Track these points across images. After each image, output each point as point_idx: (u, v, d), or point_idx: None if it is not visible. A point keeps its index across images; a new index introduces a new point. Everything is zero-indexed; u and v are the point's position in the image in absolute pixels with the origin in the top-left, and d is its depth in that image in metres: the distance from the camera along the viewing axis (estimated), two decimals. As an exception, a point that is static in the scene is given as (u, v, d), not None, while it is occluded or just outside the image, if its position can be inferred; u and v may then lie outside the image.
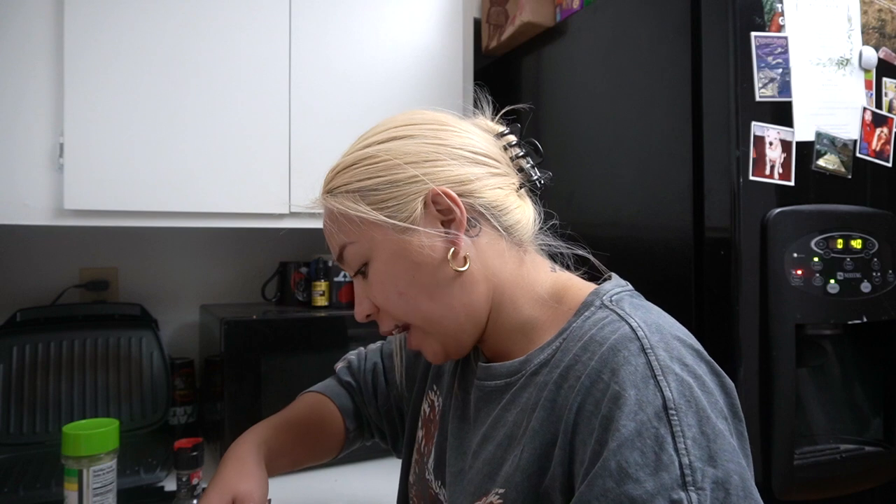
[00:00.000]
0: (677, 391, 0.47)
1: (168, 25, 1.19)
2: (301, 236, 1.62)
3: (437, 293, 0.60)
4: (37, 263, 1.41)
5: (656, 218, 1.06)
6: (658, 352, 0.49)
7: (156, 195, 1.18)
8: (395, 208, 0.60)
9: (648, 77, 1.09)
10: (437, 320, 0.61)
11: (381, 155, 0.61)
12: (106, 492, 0.82)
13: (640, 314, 0.54)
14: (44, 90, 1.11)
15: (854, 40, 1.01)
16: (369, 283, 0.63)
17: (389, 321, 0.64)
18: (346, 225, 0.62)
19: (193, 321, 1.55)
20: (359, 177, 0.62)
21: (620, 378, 0.48)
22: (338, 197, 0.63)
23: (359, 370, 0.90)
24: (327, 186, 0.66)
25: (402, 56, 1.43)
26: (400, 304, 0.61)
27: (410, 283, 0.60)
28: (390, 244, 0.60)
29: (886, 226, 1.01)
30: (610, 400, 0.48)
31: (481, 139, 0.64)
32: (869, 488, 1.00)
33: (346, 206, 0.62)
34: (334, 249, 0.66)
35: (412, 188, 0.60)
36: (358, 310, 0.65)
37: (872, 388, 1.04)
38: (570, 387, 0.52)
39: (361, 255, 0.62)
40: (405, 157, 0.60)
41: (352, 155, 0.64)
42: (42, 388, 1.25)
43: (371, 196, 0.61)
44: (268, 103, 1.28)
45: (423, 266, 0.59)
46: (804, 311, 0.94)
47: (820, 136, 0.98)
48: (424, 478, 0.72)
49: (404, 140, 0.62)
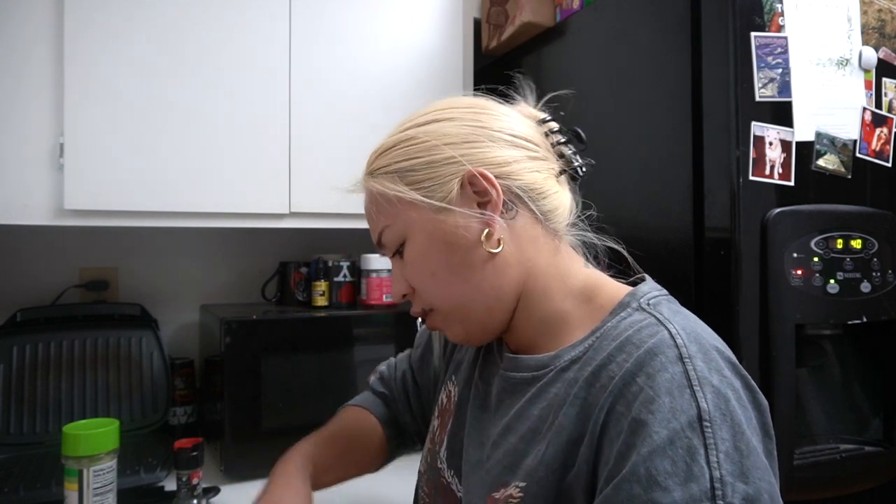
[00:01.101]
0: (713, 403, 0.46)
1: (169, 25, 1.19)
2: (301, 236, 1.62)
3: (468, 275, 0.60)
4: (37, 263, 1.41)
5: (656, 218, 1.06)
6: (696, 361, 0.49)
7: (156, 195, 1.18)
8: (431, 188, 0.60)
9: (648, 77, 1.09)
10: (465, 303, 0.61)
11: (420, 136, 0.62)
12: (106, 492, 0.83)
13: (678, 320, 0.54)
14: (44, 90, 1.11)
15: (854, 40, 1.01)
16: (406, 264, 0.64)
17: (421, 304, 0.65)
18: (384, 206, 0.63)
19: (193, 321, 1.55)
20: (398, 158, 0.63)
21: (656, 383, 0.48)
22: (378, 178, 0.64)
23: (391, 379, 0.91)
24: (369, 169, 0.66)
25: (403, 56, 1.43)
26: (432, 285, 0.62)
27: (443, 264, 0.61)
28: (426, 224, 0.61)
29: (886, 226, 1.01)
30: (642, 404, 0.47)
31: (522, 123, 0.64)
32: (869, 488, 1.00)
33: (385, 187, 0.62)
34: (374, 232, 0.67)
35: (449, 169, 0.60)
36: (395, 289, 0.66)
37: (872, 388, 1.04)
38: (601, 386, 0.52)
39: (399, 235, 0.63)
40: (443, 138, 0.61)
41: (392, 137, 0.65)
42: (42, 388, 1.25)
43: (409, 176, 0.61)
44: (268, 103, 1.28)
45: (457, 247, 0.60)
46: (804, 311, 0.94)
47: (820, 136, 0.98)
48: (436, 467, 0.72)
49: (444, 122, 0.62)
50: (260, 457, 1.20)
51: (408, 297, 0.66)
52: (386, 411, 0.88)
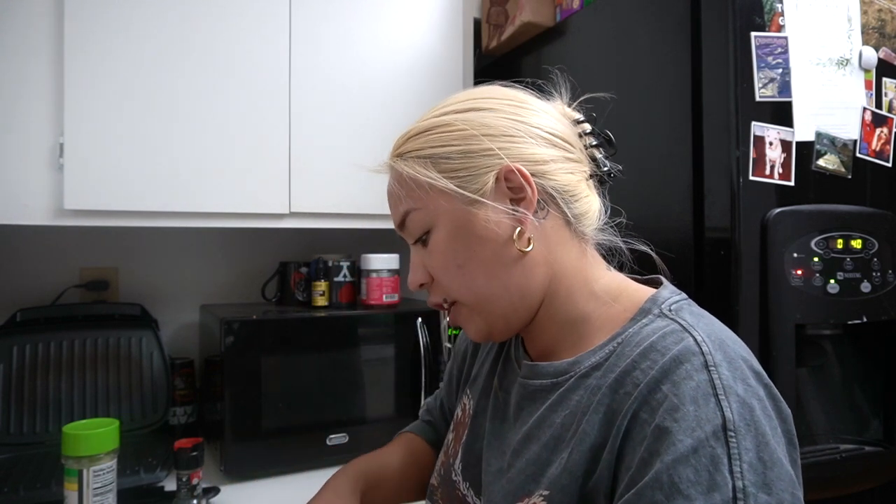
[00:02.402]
0: (738, 413, 0.46)
1: (168, 26, 1.19)
2: (301, 236, 1.62)
3: (495, 271, 0.59)
4: (37, 263, 1.41)
5: (656, 218, 1.06)
6: (721, 370, 0.48)
7: (156, 195, 1.18)
8: (465, 179, 0.59)
9: (648, 77, 1.09)
10: (489, 299, 0.61)
11: (457, 124, 0.60)
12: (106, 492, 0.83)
13: (702, 326, 0.53)
14: (44, 90, 1.11)
15: (854, 40, 1.01)
16: (429, 253, 0.62)
17: (440, 294, 0.64)
18: (413, 190, 0.61)
19: (193, 321, 1.55)
20: (432, 143, 0.61)
21: (681, 392, 0.47)
22: (408, 161, 0.62)
23: (434, 407, 0.91)
24: (398, 150, 0.64)
25: (403, 56, 1.43)
26: (457, 277, 0.61)
27: (471, 257, 0.59)
28: (456, 215, 0.59)
29: (886, 226, 1.01)
30: (667, 411, 0.47)
31: (559, 122, 0.63)
32: (869, 488, 1.00)
33: (417, 171, 0.60)
34: (397, 215, 0.65)
35: (486, 161, 0.59)
36: (412, 277, 0.65)
37: (872, 388, 1.04)
38: (626, 393, 0.51)
39: (425, 222, 0.61)
40: (482, 128, 0.60)
41: (427, 121, 0.63)
42: (42, 388, 1.25)
43: (443, 164, 0.60)
44: (268, 103, 1.28)
45: (486, 242, 0.59)
46: (804, 311, 0.94)
47: (820, 136, 0.98)
48: (451, 479, 0.71)
49: (483, 112, 0.61)
50: (260, 457, 1.20)
51: (425, 287, 0.65)
52: (434, 435, 0.88)
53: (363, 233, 1.61)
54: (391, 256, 1.41)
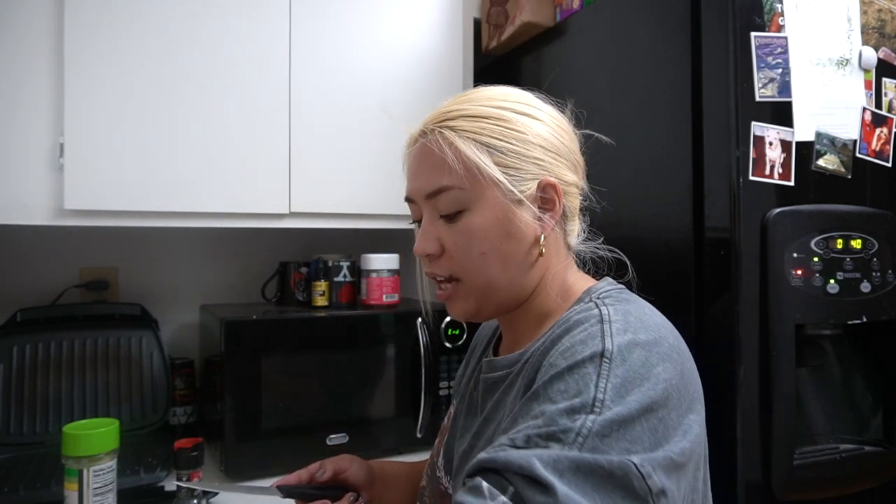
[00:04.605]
0: (617, 347, 0.52)
1: (169, 25, 1.19)
2: (301, 236, 1.62)
3: (511, 266, 0.65)
4: (37, 263, 1.41)
5: (656, 218, 1.06)
6: (614, 325, 0.55)
7: (156, 195, 1.18)
8: (515, 178, 0.63)
9: (648, 77, 1.09)
10: (494, 288, 0.65)
11: (516, 124, 0.64)
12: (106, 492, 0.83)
13: (617, 306, 0.59)
14: (44, 90, 1.11)
15: (854, 40, 1.01)
16: (455, 231, 0.65)
17: (445, 269, 0.66)
18: (457, 169, 0.63)
19: (193, 321, 1.55)
20: (491, 132, 0.64)
21: (574, 339, 0.55)
22: (465, 140, 0.64)
23: None
24: (447, 122, 0.66)
25: (402, 56, 1.43)
26: (476, 261, 0.64)
27: (497, 248, 0.64)
28: (498, 207, 0.63)
29: (886, 226, 1.01)
30: (559, 353, 0.55)
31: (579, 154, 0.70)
32: (869, 488, 1.00)
33: (473, 153, 0.63)
34: (430, 185, 0.66)
35: (533, 168, 0.64)
36: (422, 246, 0.67)
37: (872, 388, 1.04)
38: (540, 353, 0.59)
39: (462, 203, 0.64)
40: (538, 138, 0.65)
41: (482, 107, 0.65)
42: (42, 388, 1.25)
43: (497, 156, 0.63)
44: (268, 103, 1.28)
45: (515, 239, 0.64)
46: (804, 311, 0.94)
47: (820, 136, 0.98)
48: (435, 476, 0.76)
49: (537, 122, 0.66)
50: (260, 457, 1.20)
51: (431, 257, 0.67)
52: None
53: (363, 233, 1.61)
54: (391, 256, 1.41)
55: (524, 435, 0.48)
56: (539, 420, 0.49)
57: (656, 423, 0.50)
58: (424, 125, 0.68)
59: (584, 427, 0.47)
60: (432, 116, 0.68)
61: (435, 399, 1.35)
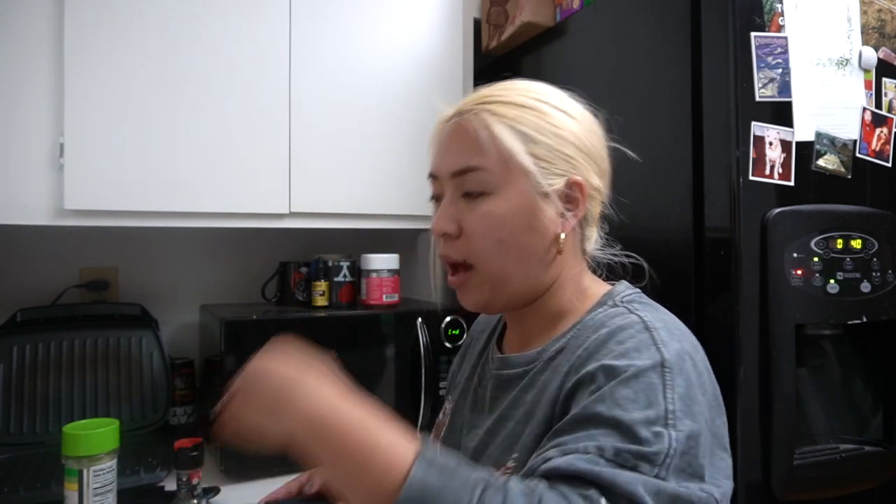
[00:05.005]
0: (674, 356, 0.54)
1: (169, 25, 1.19)
2: (301, 236, 1.62)
3: (528, 259, 0.65)
4: (37, 263, 1.41)
5: (656, 218, 1.06)
6: (660, 332, 0.57)
7: (156, 195, 1.18)
8: (545, 171, 0.64)
9: (648, 77, 1.09)
10: (509, 279, 0.65)
11: (554, 119, 0.65)
12: (106, 492, 0.83)
13: (647, 311, 0.61)
14: (44, 90, 1.11)
15: (854, 40, 1.01)
16: (476, 213, 0.64)
17: (459, 252, 0.66)
18: (490, 152, 0.64)
19: (193, 321, 1.55)
20: (527, 122, 0.64)
21: (625, 346, 0.55)
22: (501, 125, 0.64)
23: None
24: (486, 106, 0.65)
25: (402, 56, 1.43)
26: (493, 248, 0.64)
27: (516, 238, 0.64)
28: (524, 197, 0.63)
29: (886, 226, 1.01)
30: (613, 356, 0.55)
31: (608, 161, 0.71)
32: (869, 488, 1.00)
33: (509, 139, 0.63)
34: (458, 163, 0.66)
35: (564, 165, 0.65)
36: (440, 224, 0.66)
37: (872, 388, 1.04)
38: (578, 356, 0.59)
39: (487, 186, 0.64)
40: (572, 135, 0.65)
41: (521, 97, 0.66)
42: (42, 388, 1.25)
43: (532, 147, 0.63)
44: (268, 103, 1.28)
45: (536, 233, 0.64)
46: (804, 311, 0.94)
47: (820, 136, 0.98)
48: None
49: (573, 120, 0.66)
50: (260, 457, 1.20)
51: (448, 237, 0.66)
52: None
53: (363, 233, 1.61)
54: (391, 256, 1.41)
55: (613, 448, 0.49)
56: (616, 431, 0.50)
57: (714, 430, 0.55)
58: (462, 105, 0.68)
59: (670, 448, 0.50)
60: (470, 98, 0.68)
61: (435, 399, 1.34)
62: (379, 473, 0.48)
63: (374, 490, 0.48)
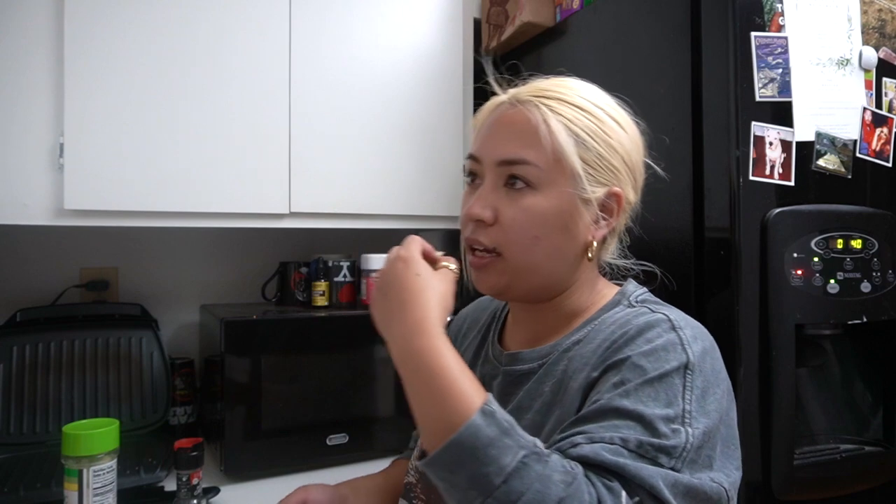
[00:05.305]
0: (697, 358, 0.58)
1: (168, 25, 1.19)
2: (301, 236, 1.62)
3: (557, 259, 0.66)
4: (37, 263, 1.41)
5: (656, 218, 1.06)
6: (686, 331, 0.60)
7: (156, 195, 1.18)
8: (591, 177, 0.65)
9: (648, 77, 1.09)
10: (534, 272, 0.66)
11: (607, 128, 0.66)
12: (106, 492, 0.82)
13: (670, 310, 0.64)
14: (44, 90, 1.11)
15: (854, 40, 1.01)
16: (514, 205, 0.64)
17: (491, 240, 0.66)
18: (546, 152, 0.64)
19: (193, 321, 1.55)
20: (583, 126, 0.65)
21: (654, 343, 0.58)
22: (560, 123, 0.64)
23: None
24: (545, 101, 0.66)
25: (402, 56, 1.43)
26: (527, 243, 0.64)
27: (551, 238, 0.65)
28: (567, 198, 0.64)
29: (886, 226, 1.01)
30: (641, 354, 0.57)
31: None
32: (869, 488, 1.00)
33: (565, 139, 0.64)
34: (509, 152, 0.65)
35: (608, 175, 0.66)
36: (477, 210, 0.65)
37: (872, 389, 1.04)
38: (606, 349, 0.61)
39: (535, 180, 0.64)
40: (621, 147, 0.67)
41: (578, 98, 0.66)
42: (42, 388, 1.25)
43: (583, 150, 0.64)
44: (268, 103, 1.28)
45: (569, 235, 0.65)
46: (804, 311, 0.94)
47: (820, 136, 0.98)
48: None
49: (623, 132, 0.68)
50: (260, 457, 1.20)
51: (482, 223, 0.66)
52: None
53: (363, 233, 1.61)
54: (391, 256, 1.41)
55: (636, 440, 0.53)
56: (639, 425, 0.54)
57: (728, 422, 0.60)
58: (519, 93, 0.68)
59: (687, 443, 0.54)
60: (526, 89, 0.68)
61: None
62: (447, 412, 0.52)
63: (437, 423, 0.53)
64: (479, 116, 0.72)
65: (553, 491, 0.48)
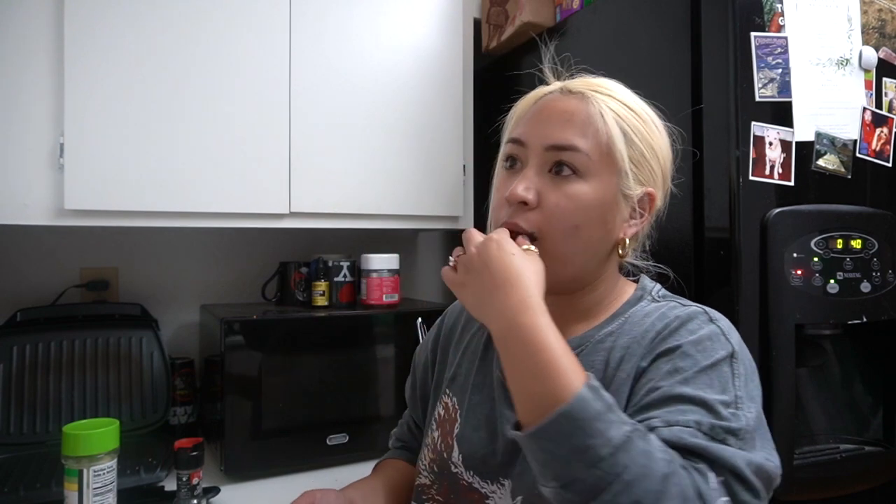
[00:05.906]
0: (738, 347, 0.61)
1: (168, 25, 1.19)
2: (301, 236, 1.62)
3: (591, 251, 0.68)
4: (37, 263, 1.41)
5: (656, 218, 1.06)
6: (722, 323, 0.63)
7: (156, 195, 1.18)
8: (633, 174, 0.66)
9: (648, 77, 1.09)
10: (568, 262, 0.67)
11: (652, 130, 0.69)
12: (106, 492, 0.82)
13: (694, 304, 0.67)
14: (44, 90, 1.11)
15: (854, 40, 1.01)
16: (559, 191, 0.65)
17: (531, 224, 0.66)
18: (599, 142, 0.65)
19: (193, 321, 1.55)
20: (632, 124, 0.67)
21: (698, 334, 0.61)
22: (613, 117, 0.66)
23: (404, 433, 0.96)
24: (599, 95, 0.67)
25: (403, 56, 1.43)
26: (567, 230, 0.65)
27: (590, 229, 0.66)
28: (610, 191, 0.66)
29: (886, 226, 1.01)
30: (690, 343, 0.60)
31: None
32: (869, 488, 1.00)
33: (615, 132, 0.65)
34: (562, 139, 0.66)
35: (647, 176, 0.68)
36: (521, 191, 0.65)
37: (872, 388, 1.04)
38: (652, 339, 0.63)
39: (580, 167, 0.65)
40: (661, 150, 0.69)
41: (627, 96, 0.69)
42: (42, 388, 1.25)
43: (629, 147, 0.66)
44: (268, 103, 1.28)
45: (605, 228, 0.67)
46: (804, 311, 0.94)
47: (820, 136, 0.98)
48: (450, 472, 0.73)
49: (661, 135, 0.70)
50: (260, 457, 1.20)
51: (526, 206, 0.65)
52: (410, 454, 0.92)
53: (363, 233, 1.61)
54: (391, 256, 1.41)
55: (709, 423, 0.55)
56: (704, 409, 0.56)
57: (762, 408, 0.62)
58: (568, 84, 0.70)
59: (748, 424, 0.56)
60: (576, 81, 0.70)
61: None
62: (553, 386, 0.53)
63: (543, 397, 0.53)
64: (522, 104, 0.73)
65: (657, 467, 0.50)
